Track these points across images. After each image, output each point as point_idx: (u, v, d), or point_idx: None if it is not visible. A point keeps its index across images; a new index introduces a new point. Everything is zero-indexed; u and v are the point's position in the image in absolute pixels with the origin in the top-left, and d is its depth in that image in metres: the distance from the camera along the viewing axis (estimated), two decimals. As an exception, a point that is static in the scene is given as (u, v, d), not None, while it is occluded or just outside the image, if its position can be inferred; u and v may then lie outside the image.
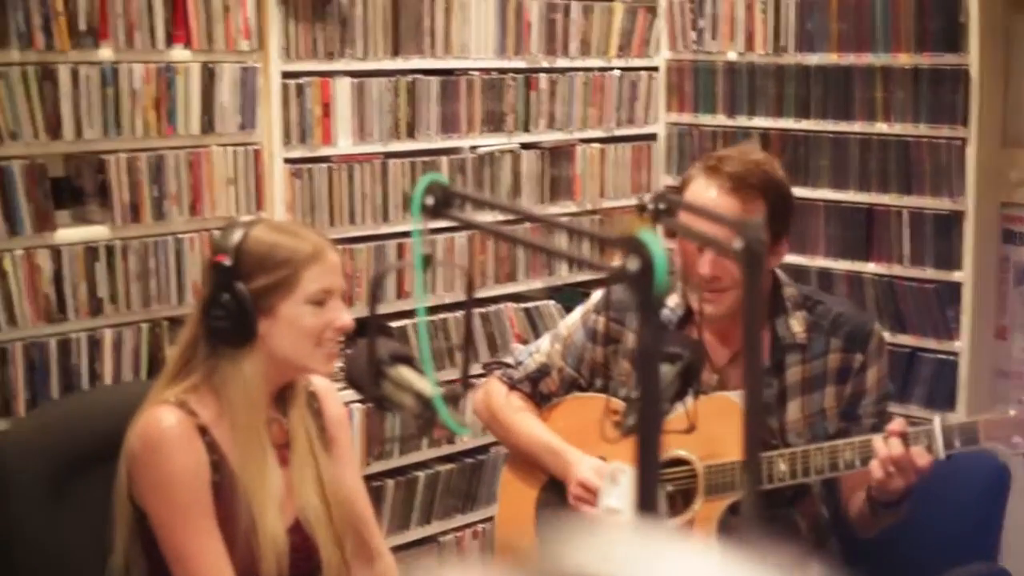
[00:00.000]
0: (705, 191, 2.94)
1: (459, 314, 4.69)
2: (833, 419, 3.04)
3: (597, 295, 3.30)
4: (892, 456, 2.72)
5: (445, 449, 4.69)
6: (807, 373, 3.05)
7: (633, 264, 1.61)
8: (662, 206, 2.50)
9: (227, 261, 2.54)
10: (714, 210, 2.81)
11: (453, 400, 2.27)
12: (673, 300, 3.12)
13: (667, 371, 2.57)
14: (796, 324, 3.05)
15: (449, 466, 4.70)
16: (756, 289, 2.08)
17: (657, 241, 1.61)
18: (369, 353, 2.31)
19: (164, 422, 2.54)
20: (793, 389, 3.04)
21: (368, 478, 4.06)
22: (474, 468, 4.76)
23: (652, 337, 1.63)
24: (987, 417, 2.72)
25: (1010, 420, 2.70)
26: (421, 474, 4.60)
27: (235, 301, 2.52)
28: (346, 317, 2.62)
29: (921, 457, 2.72)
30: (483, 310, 4.82)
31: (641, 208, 2.52)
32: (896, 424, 2.79)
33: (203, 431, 2.56)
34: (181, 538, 2.52)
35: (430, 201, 2.36)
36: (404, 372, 2.34)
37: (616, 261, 1.60)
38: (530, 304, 4.97)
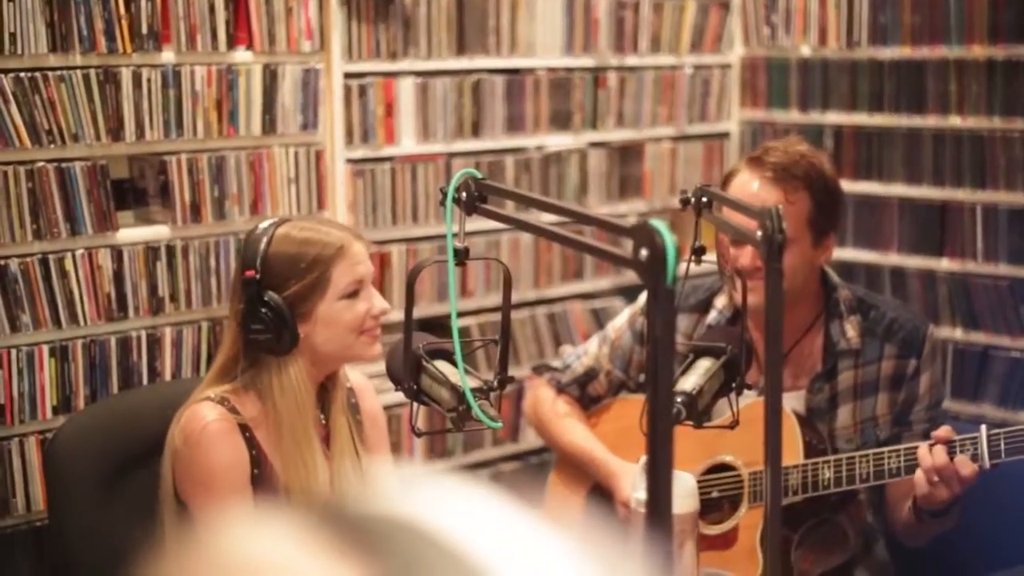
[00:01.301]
0: (749, 183, 2.92)
1: (524, 313, 4.70)
2: (885, 426, 3.00)
3: (644, 296, 3.28)
4: (936, 466, 2.67)
5: (510, 448, 4.69)
6: (860, 379, 3.00)
7: (644, 253, 1.60)
8: (704, 199, 2.49)
9: (256, 275, 2.56)
10: (756, 202, 2.78)
11: (486, 395, 2.27)
12: (721, 301, 3.09)
13: (709, 366, 2.54)
14: (850, 329, 3.00)
15: (514, 464, 4.69)
16: (777, 277, 2.06)
17: (667, 231, 1.60)
18: (406, 347, 2.32)
19: (205, 418, 2.57)
20: (845, 394, 3.00)
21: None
22: (539, 467, 4.75)
23: (664, 326, 1.62)
24: None
25: None
26: (486, 472, 4.60)
27: (272, 312, 2.55)
28: (381, 302, 2.66)
29: (965, 467, 2.66)
30: (549, 309, 4.81)
31: (684, 202, 2.51)
32: (942, 431, 2.73)
33: (243, 428, 2.59)
34: None
35: (463, 195, 2.37)
36: (442, 366, 2.35)
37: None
38: (597, 303, 4.95)
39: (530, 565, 0.62)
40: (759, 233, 1.98)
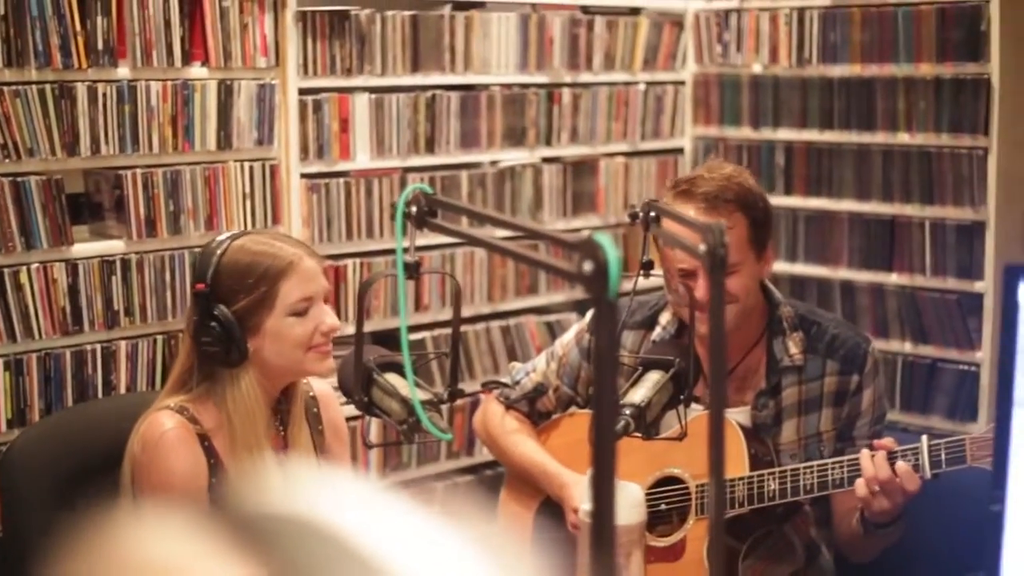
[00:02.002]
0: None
1: (479, 326, 4.73)
2: (828, 442, 3.03)
3: (591, 313, 3.31)
4: (878, 477, 2.71)
5: (465, 461, 4.72)
6: (803, 395, 3.04)
7: (588, 266, 1.64)
8: (652, 214, 2.54)
9: (206, 288, 2.59)
10: (694, 235, 2.80)
11: (436, 407, 2.31)
12: (665, 318, 3.12)
13: (658, 378, 2.57)
14: (792, 346, 3.03)
15: (468, 478, 4.72)
16: (721, 292, 2.10)
17: (611, 244, 1.64)
18: (356, 360, 2.35)
19: (164, 425, 2.60)
20: (789, 410, 3.03)
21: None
22: (494, 479, 4.77)
23: (607, 339, 1.65)
24: (974, 436, 2.70)
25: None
26: (439, 485, 4.63)
27: (221, 326, 2.58)
28: (331, 319, 2.67)
29: (908, 478, 2.70)
30: (504, 323, 4.85)
31: (633, 216, 2.55)
32: (884, 440, 2.78)
33: (202, 437, 2.61)
34: None
35: (414, 210, 2.41)
36: (392, 379, 2.38)
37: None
38: (551, 317, 4.99)
39: (423, 562, 0.63)
40: (702, 247, 2.02)
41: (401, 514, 0.65)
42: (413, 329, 4.49)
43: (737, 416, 3.01)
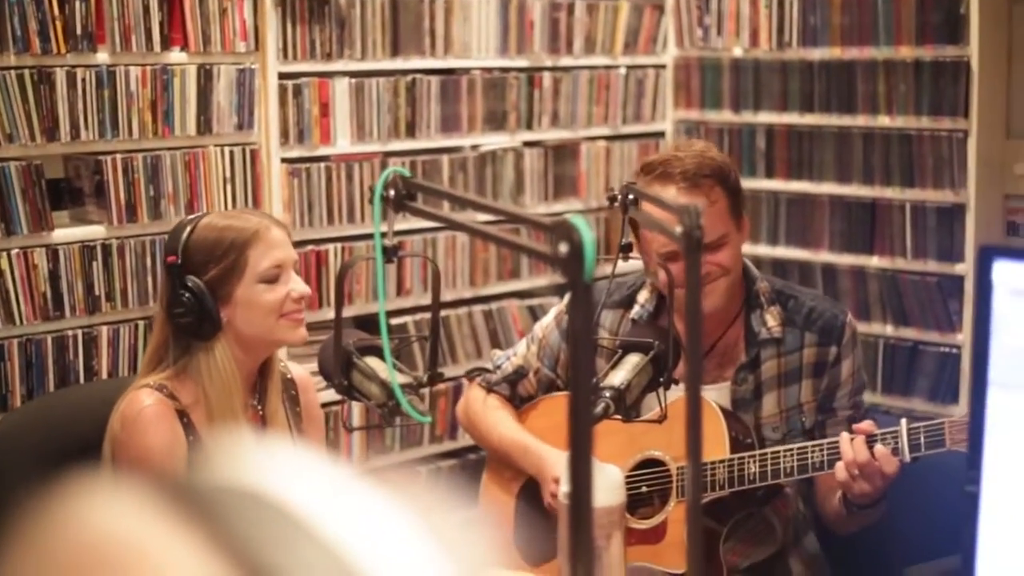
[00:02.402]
0: (666, 196, 2.93)
1: (461, 311, 4.74)
2: (810, 413, 3.05)
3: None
4: (857, 460, 2.73)
5: (448, 445, 4.73)
6: (783, 368, 3.05)
7: (564, 248, 1.64)
8: (631, 197, 2.54)
9: (177, 260, 2.62)
10: (668, 212, 2.81)
11: (415, 390, 2.31)
12: (643, 296, 3.13)
13: (638, 361, 2.58)
14: (771, 319, 3.05)
15: (451, 462, 4.73)
16: (698, 274, 2.11)
17: (586, 226, 1.64)
18: (335, 343, 2.36)
19: (143, 402, 2.63)
20: (769, 383, 3.05)
21: (374, 471, 4.09)
22: (477, 463, 4.78)
23: (582, 321, 1.66)
24: (952, 419, 2.72)
25: None
26: (423, 469, 4.64)
27: (192, 296, 2.61)
28: (301, 286, 2.71)
29: (886, 459, 2.72)
30: (486, 307, 4.85)
31: (612, 199, 2.55)
32: (863, 424, 2.79)
33: (181, 414, 2.63)
34: None
35: (392, 193, 2.41)
36: (372, 363, 2.38)
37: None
38: (533, 301, 4.99)
39: (373, 535, 0.63)
40: (679, 229, 2.03)
41: (365, 499, 0.65)
42: (395, 314, 4.49)
43: (717, 393, 3.03)
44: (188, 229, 2.66)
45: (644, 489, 2.99)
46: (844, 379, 3.05)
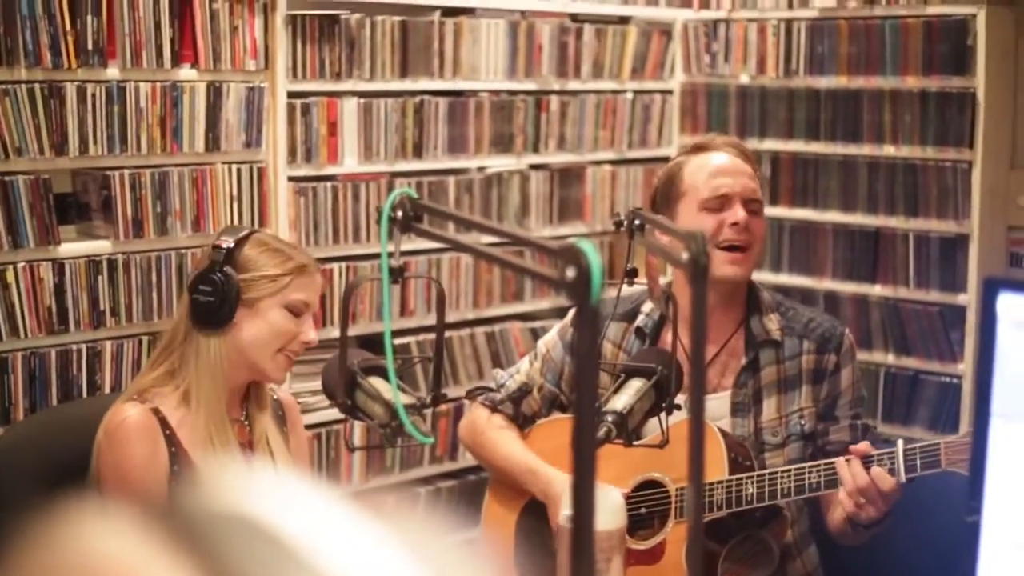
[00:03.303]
0: (721, 158, 3.04)
1: (464, 332, 4.75)
2: (809, 418, 3.06)
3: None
4: (857, 484, 2.74)
5: (448, 466, 4.73)
6: (782, 373, 3.08)
7: (571, 272, 1.65)
8: (636, 222, 2.55)
9: (228, 244, 2.68)
10: (736, 172, 3.00)
11: (418, 411, 2.32)
12: (647, 306, 3.16)
13: (640, 386, 2.59)
14: (770, 323, 3.09)
15: (451, 483, 4.73)
16: (704, 302, 2.12)
17: (594, 251, 1.65)
18: (340, 362, 2.36)
19: (125, 413, 2.66)
20: (769, 388, 3.07)
21: (369, 493, 4.11)
22: (478, 484, 4.79)
23: (588, 344, 1.67)
24: (949, 440, 2.72)
25: (971, 443, 2.70)
26: (423, 490, 4.64)
27: (224, 281, 2.65)
28: (313, 335, 2.76)
29: (884, 481, 2.73)
30: (489, 329, 4.86)
31: (618, 225, 2.57)
32: (860, 446, 2.80)
33: (164, 424, 2.65)
34: None
35: (399, 214, 2.42)
36: (376, 383, 2.39)
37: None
38: (536, 324, 5.00)
39: (362, 564, 0.64)
40: (685, 255, 2.04)
41: (355, 527, 0.66)
42: (399, 334, 4.50)
43: (718, 402, 3.05)
44: (245, 232, 2.74)
45: (643, 510, 3.00)
46: (844, 388, 3.08)
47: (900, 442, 2.76)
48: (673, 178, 3.10)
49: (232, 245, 2.68)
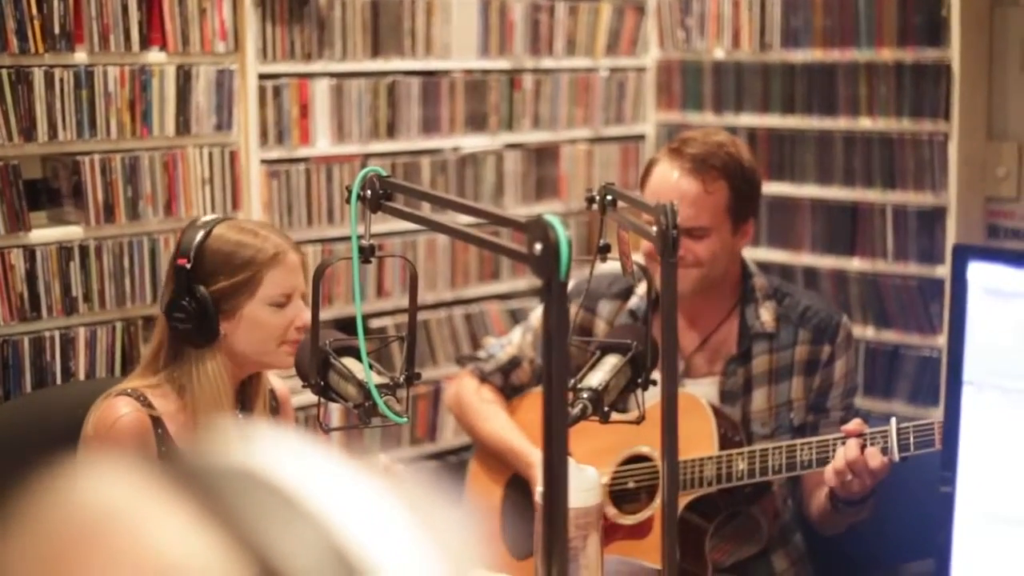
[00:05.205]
0: (668, 173, 2.98)
1: (441, 313, 4.73)
2: (800, 411, 3.05)
3: (572, 284, 3.32)
4: (848, 460, 2.73)
5: (428, 447, 4.72)
6: (775, 363, 3.07)
7: (539, 247, 1.63)
8: (608, 198, 2.54)
9: (188, 264, 2.59)
10: (675, 192, 2.86)
11: (392, 391, 2.30)
12: (642, 288, 3.15)
13: (616, 362, 2.58)
14: (765, 313, 3.07)
15: (431, 464, 4.72)
16: (673, 271, 2.11)
17: (561, 225, 1.63)
18: (312, 343, 2.35)
19: (119, 411, 2.61)
20: (760, 378, 3.06)
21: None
22: (458, 466, 4.77)
23: (557, 319, 1.65)
24: (942, 420, 2.72)
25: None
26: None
27: (196, 304, 2.59)
28: (306, 315, 2.67)
29: (875, 460, 2.72)
30: (466, 310, 4.84)
31: (590, 201, 2.55)
32: (853, 425, 2.79)
33: (156, 422, 2.61)
34: None
35: (368, 193, 2.39)
36: (349, 363, 2.37)
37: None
38: (514, 303, 4.98)
39: (364, 514, 0.64)
40: (654, 228, 2.03)
41: (356, 481, 0.66)
42: (375, 315, 4.48)
43: (706, 387, 3.04)
44: (202, 233, 2.63)
45: (631, 485, 3.00)
46: (837, 379, 3.07)
47: (893, 420, 2.75)
48: (642, 180, 3.09)
49: (191, 263, 2.60)
